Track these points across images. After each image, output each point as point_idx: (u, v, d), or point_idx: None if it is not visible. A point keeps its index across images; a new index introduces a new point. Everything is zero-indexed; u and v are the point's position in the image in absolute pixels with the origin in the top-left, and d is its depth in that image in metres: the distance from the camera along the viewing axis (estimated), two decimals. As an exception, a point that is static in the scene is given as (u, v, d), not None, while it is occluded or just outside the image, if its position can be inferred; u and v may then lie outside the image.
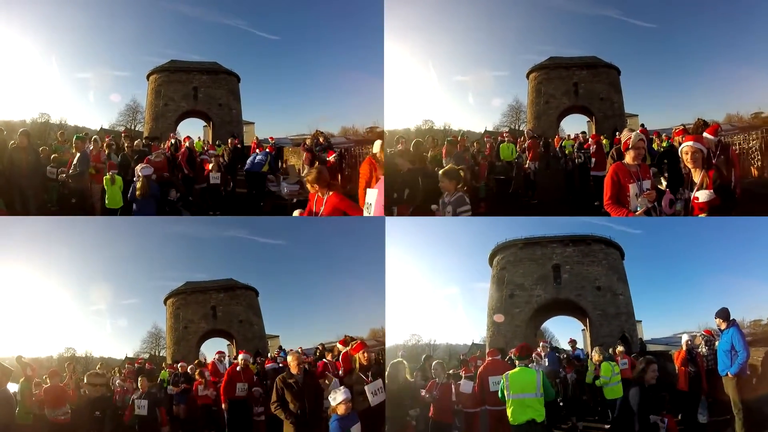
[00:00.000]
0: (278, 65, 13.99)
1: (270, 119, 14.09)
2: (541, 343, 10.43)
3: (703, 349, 9.05)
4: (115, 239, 11.86)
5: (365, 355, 6.49)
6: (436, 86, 12.94)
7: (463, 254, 13.24)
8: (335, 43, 13.43)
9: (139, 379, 9.09)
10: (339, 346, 8.57)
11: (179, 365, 11.13)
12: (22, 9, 11.95)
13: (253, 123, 14.31)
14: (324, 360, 9.08)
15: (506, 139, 12.92)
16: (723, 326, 7.83)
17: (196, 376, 9.90)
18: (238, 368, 9.09)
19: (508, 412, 6.20)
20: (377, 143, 9.12)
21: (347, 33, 13.22)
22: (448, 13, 12.70)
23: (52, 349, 12.33)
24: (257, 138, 13.21)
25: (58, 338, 12.28)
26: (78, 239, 11.46)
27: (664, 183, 9.03)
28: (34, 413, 8.31)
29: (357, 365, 6.51)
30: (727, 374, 7.76)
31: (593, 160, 11.16)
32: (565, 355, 10.84)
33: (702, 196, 6.06)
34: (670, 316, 12.91)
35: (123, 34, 12.98)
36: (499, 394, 6.38)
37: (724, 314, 7.88)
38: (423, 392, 7.74)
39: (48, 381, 8.61)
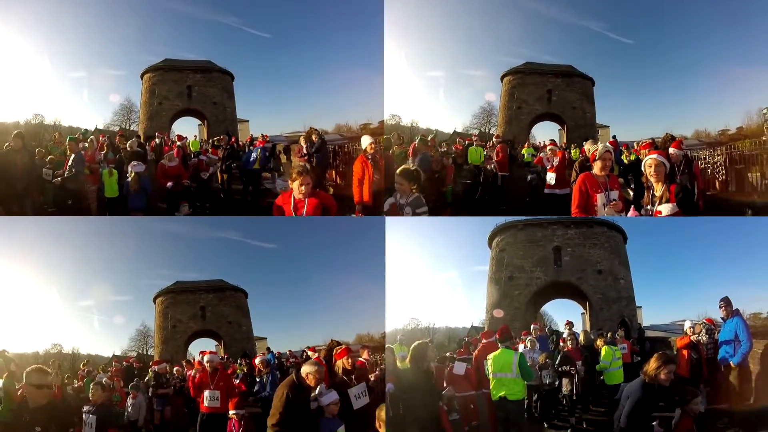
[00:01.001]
0: (272, 63, 13.90)
1: (264, 117, 14.01)
2: (532, 326, 10.20)
3: (704, 338, 9.04)
4: (106, 236, 11.92)
5: (348, 360, 6.45)
6: (410, 80, 12.75)
7: (462, 238, 13.30)
8: (329, 40, 13.30)
9: (92, 388, 7.22)
10: (309, 352, 8.62)
11: (157, 367, 10.58)
12: (16, 9, 11.88)
13: (248, 121, 14.23)
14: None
15: (475, 142, 12.74)
16: (726, 315, 7.99)
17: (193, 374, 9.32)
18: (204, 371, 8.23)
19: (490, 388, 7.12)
20: (365, 139, 9.09)
21: (341, 30, 13.08)
22: (438, 9, 12.59)
23: (39, 345, 12.44)
24: (262, 136, 13.13)
25: (44, 334, 12.35)
26: (68, 237, 11.52)
27: (631, 194, 9.29)
28: (13, 409, 7.53)
29: (340, 370, 6.56)
30: (729, 363, 7.93)
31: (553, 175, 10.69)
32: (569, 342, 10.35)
33: (665, 209, 6.18)
34: (671, 303, 12.97)
35: (117, 32, 12.88)
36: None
37: (728, 302, 8.03)
38: None
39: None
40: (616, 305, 12.86)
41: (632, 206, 6.47)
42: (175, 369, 10.59)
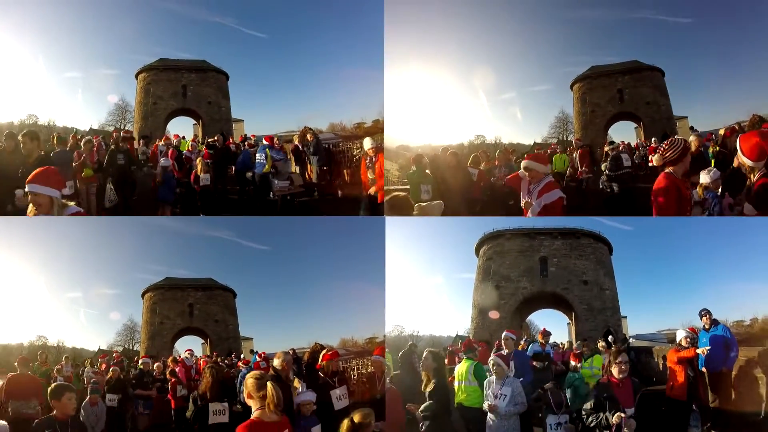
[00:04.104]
0: (266, 63, 14.07)
1: (259, 116, 14.20)
2: (503, 334, 8.05)
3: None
4: (99, 230, 11.68)
5: (336, 363, 6.82)
6: (483, 104, 13.16)
7: (447, 244, 13.18)
8: (324, 40, 13.41)
9: None
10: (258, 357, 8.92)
11: (141, 362, 9.99)
12: (8, 8, 11.84)
13: (243, 120, 14.35)
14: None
15: (558, 150, 12.81)
16: (707, 325, 7.82)
17: (167, 376, 9.44)
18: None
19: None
20: (367, 140, 9.19)
21: (336, 30, 13.20)
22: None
23: (23, 336, 12.23)
24: (279, 137, 13.00)
25: (30, 325, 12.13)
26: (59, 232, 11.35)
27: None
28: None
29: (329, 371, 6.75)
30: (722, 370, 7.72)
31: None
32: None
33: (746, 209, 5.47)
34: (655, 312, 12.96)
35: (111, 32, 12.89)
36: None
37: (709, 312, 7.88)
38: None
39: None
40: (601, 315, 12.93)
41: (726, 193, 5.72)
42: (156, 365, 9.99)
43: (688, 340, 7.68)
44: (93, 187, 10.53)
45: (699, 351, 7.48)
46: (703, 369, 7.81)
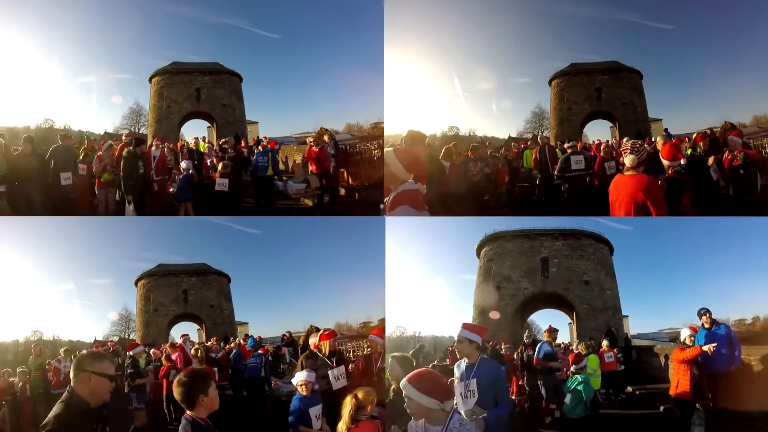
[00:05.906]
0: (280, 63, 13.94)
1: (274, 118, 14.16)
2: (458, 332, 5.11)
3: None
4: (88, 221, 11.14)
5: (333, 342, 7.03)
6: (459, 94, 13.05)
7: (449, 245, 13.09)
8: (337, 39, 13.34)
9: None
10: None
11: (133, 351, 9.13)
12: (23, 12, 11.88)
13: (257, 122, 14.35)
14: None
15: (530, 146, 12.76)
16: (707, 324, 7.83)
17: (163, 361, 9.42)
18: None
19: None
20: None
21: (349, 29, 13.09)
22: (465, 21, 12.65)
23: (18, 332, 12.11)
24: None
25: (24, 321, 11.99)
26: (47, 226, 10.96)
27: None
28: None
29: (325, 351, 6.95)
30: (731, 369, 7.71)
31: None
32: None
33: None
34: (657, 312, 12.99)
35: (124, 36, 12.94)
36: None
37: (709, 312, 7.90)
38: None
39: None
40: (603, 315, 12.97)
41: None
42: (152, 351, 10.06)
43: (692, 339, 7.61)
44: (112, 192, 10.55)
45: (705, 348, 7.21)
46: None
